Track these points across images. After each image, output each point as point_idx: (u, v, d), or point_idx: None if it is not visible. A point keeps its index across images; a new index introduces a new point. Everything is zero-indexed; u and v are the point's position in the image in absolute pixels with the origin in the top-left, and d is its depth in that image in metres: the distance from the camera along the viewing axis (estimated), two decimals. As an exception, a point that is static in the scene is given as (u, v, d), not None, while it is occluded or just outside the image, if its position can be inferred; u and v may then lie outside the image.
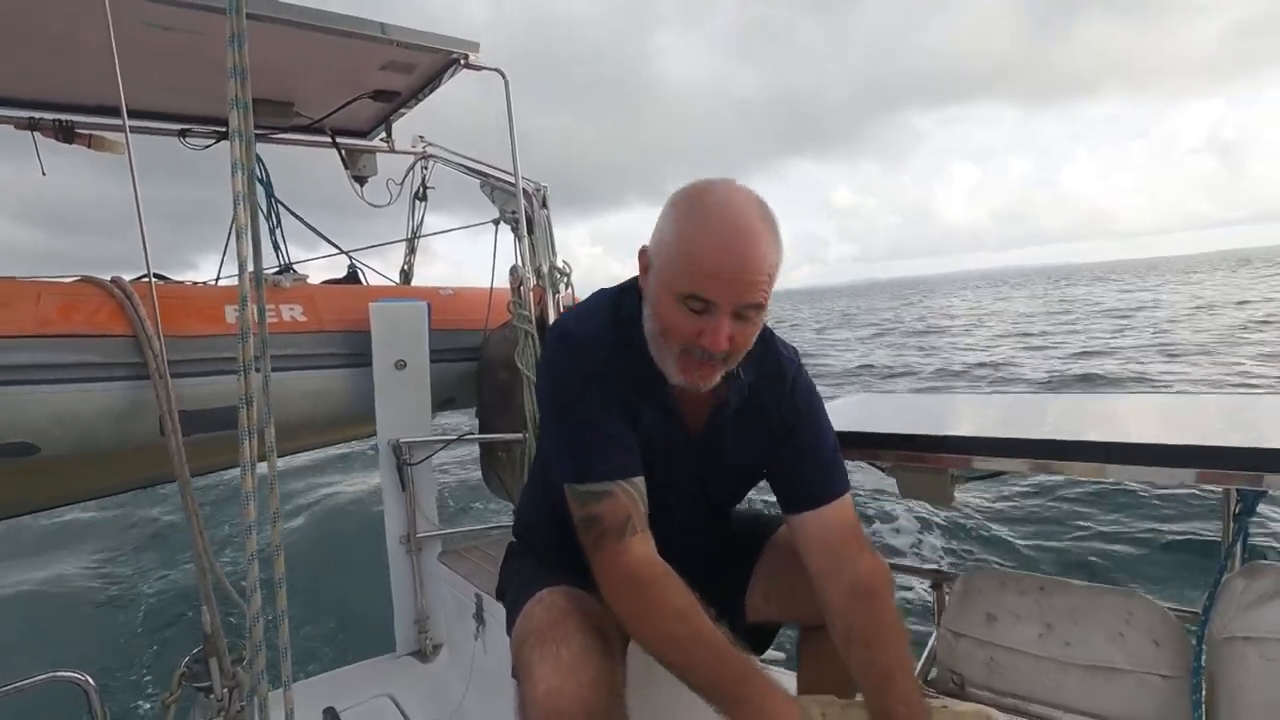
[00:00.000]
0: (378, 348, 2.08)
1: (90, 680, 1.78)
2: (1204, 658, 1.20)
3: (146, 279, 1.87)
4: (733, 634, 1.24)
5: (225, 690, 1.84)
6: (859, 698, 0.96)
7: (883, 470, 1.65)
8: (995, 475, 1.58)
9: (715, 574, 1.20)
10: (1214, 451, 1.09)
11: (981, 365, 14.03)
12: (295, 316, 2.02)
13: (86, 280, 1.81)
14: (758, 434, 1.09)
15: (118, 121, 2.06)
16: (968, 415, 1.83)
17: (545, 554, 1.18)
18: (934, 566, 1.76)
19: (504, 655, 1.62)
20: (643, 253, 0.98)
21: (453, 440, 2.25)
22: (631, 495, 0.95)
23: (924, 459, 1.44)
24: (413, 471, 2.15)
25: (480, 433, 2.36)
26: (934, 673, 1.48)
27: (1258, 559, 1.30)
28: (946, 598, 1.58)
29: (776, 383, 1.09)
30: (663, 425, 1.04)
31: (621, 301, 1.04)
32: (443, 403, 2.50)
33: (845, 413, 1.90)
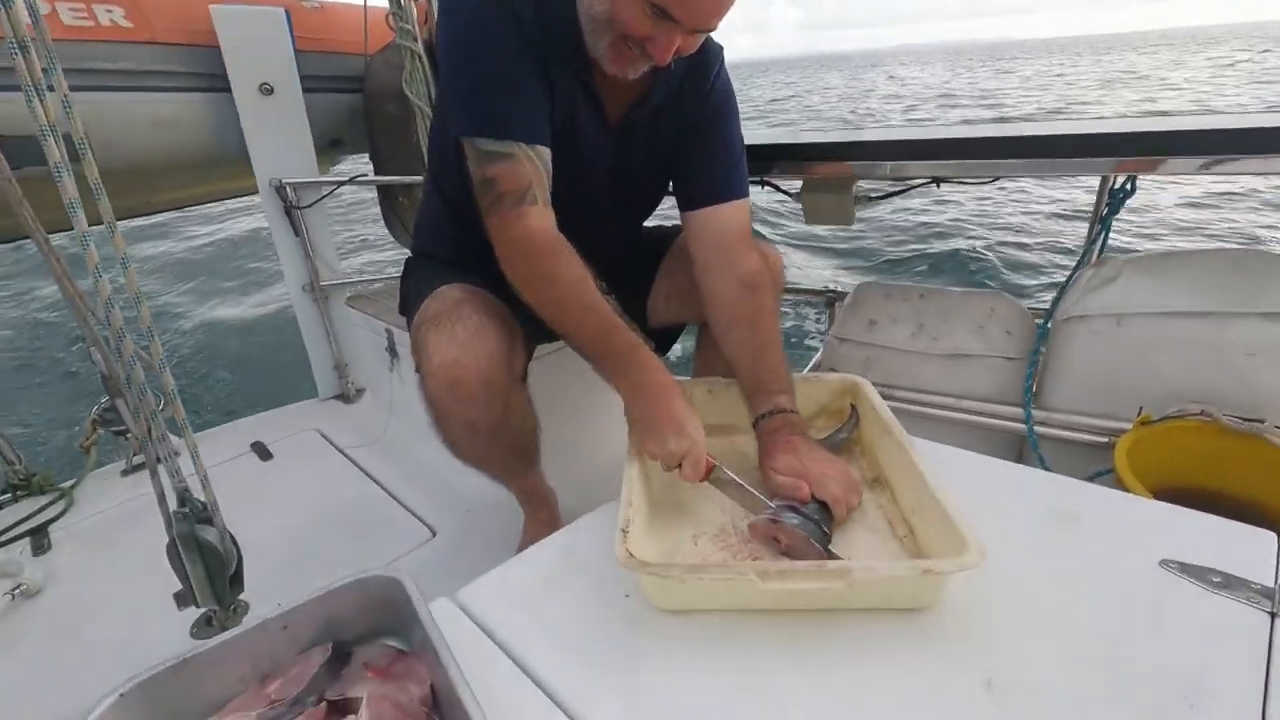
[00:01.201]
0: (233, 65, 1.78)
1: (-8, 427, 1.76)
2: (1044, 341, 1.36)
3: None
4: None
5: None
6: None
7: (787, 194, 1.65)
8: (892, 194, 1.61)
9: (621, 280, 1.22)
10: (1090, 139, 1.12)
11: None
12: (117, 21, 1.66)
13: None
14: (674, 127, 1.05)
15: None
16: (872, 133, 1.81)
17: (445, 259, 1.16)
18: (829, 287, 1.87)
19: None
20: None
21: (344, 182, 2.06)
22: (535, 164, 0.89)
23: (827, 169, 1.43)
24: (304, 216, 2.00)
25: (376, 175, 2.18)
26: (817, 372, 1.65)
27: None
28: (837, 314, 1.70)
29: (701, 77, 1.04)
30: (580, 107, 0.97)
31: None
32: (329, 143, 2.25)
33: (750, 134, 1.84)
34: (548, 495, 1.27)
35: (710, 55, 1.04)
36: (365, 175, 2.17)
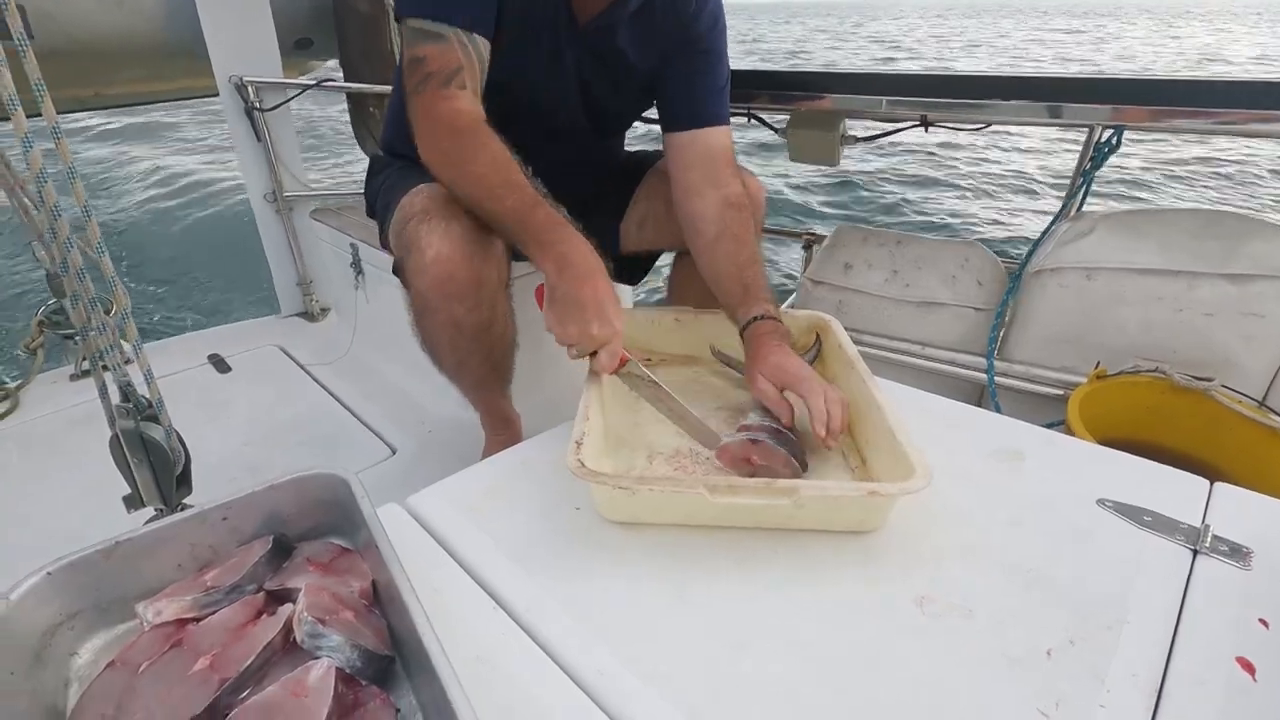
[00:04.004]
0: (189, -59, 1.64)
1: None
2: (1014, 293, 1.37)
3: None
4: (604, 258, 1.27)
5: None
6: None
7: (773, 128, 1.60)
8: (879, 135, 1.57)
9: (591, 203, 1.18)
10: (1081, 84, 1.10)
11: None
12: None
13: None
14: (655, 40, 1.01)
15: None
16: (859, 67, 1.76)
17: (417, 159, 1.11)
18: (808, 229, 1.84)
19: (386, 302, 1.64)
20: None
21: (310, 85, 1.94)
22: (469, 51, 0.85)
23: (812, 102, 1.39)
24: (267, 119, 1.89)
25: (346, 81, 2.06)
26: (788, 312, 1.65)
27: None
28: (814, 257, 1.69)
29: None
30: (545, 6, 0.93)
31: None
32: (296, 43, 2.11)
33: (734, 62, 1.77)
34: (513, 418, 1.26)
35: None
36: (334, 80, 2.05)
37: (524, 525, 0.71)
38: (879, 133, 1.52)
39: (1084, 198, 1.39)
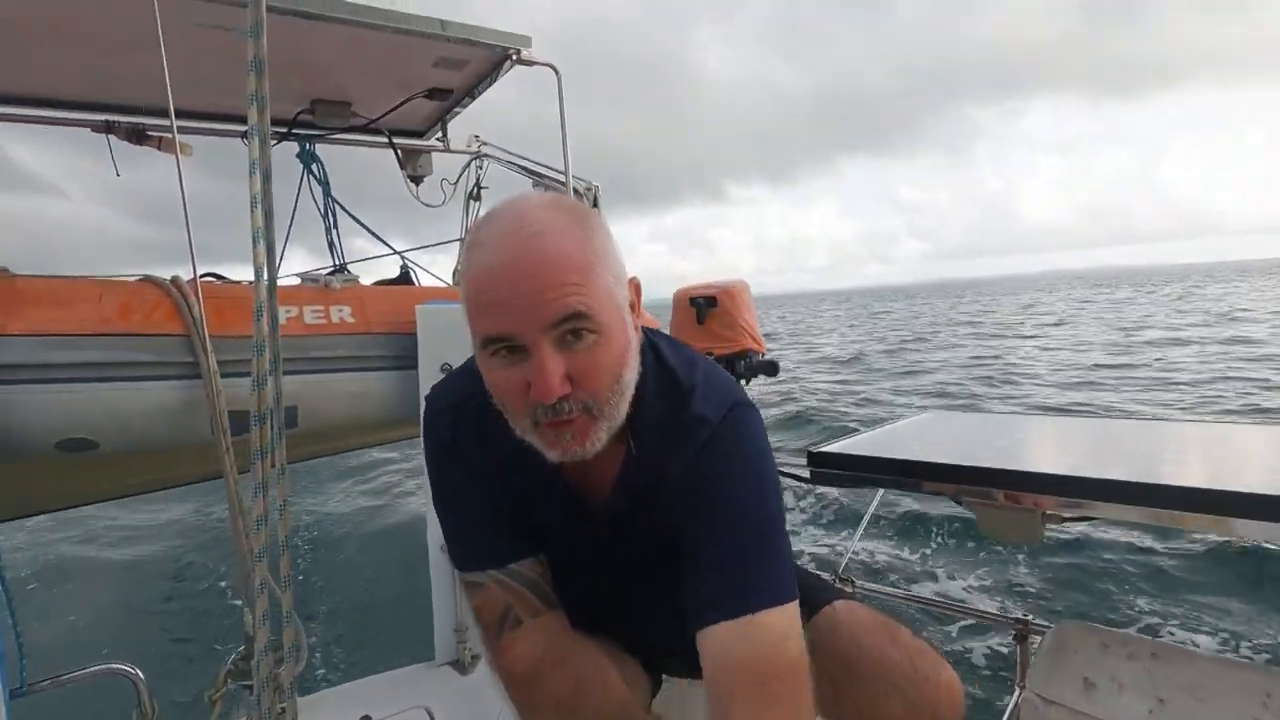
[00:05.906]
0: (423, 350, 2.04)
1: (140, 674, 1.82)
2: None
3: (204, 278, 1.91)
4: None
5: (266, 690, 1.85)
6: None
7: (958, 503, 1.48)
8: (1090, 518, 1.38)
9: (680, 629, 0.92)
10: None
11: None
12: (344, 318, 2.00)
13: (147, 279, 1.85)
14: (673, 504, 0.84)
15: (184, 124, 2.10)
16: (1056, 442, 1.63)
17: None
18: (1017, 615, 1.55)
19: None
20: None
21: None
22: (509, 584, 0.87)
23: (1010, 497, 1.26)
24: (456, 477, 2.11)
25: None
26: (1018, 744, 1.30)
27: None
28: (1032, 654, 1.40)
29: (684, 446, 0.82)
30: (552, 508, 0.88)
31: None
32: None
33: (915, 436, 1.72)
34: None
35: (696, 418, 0.81)
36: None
37: None
38: (1091, 516, 1.34)
39: None
